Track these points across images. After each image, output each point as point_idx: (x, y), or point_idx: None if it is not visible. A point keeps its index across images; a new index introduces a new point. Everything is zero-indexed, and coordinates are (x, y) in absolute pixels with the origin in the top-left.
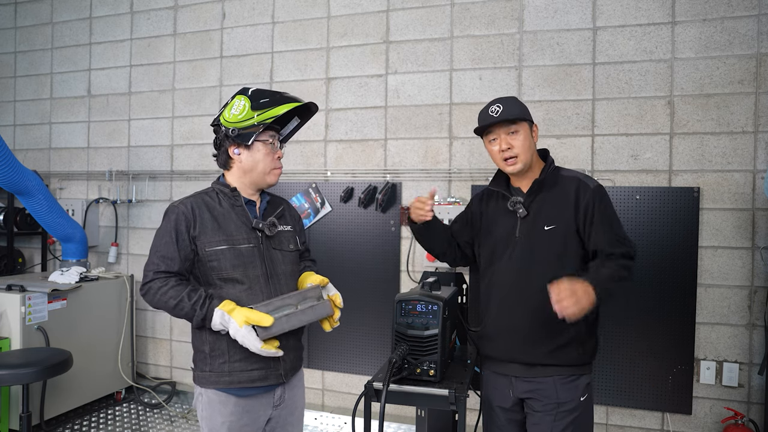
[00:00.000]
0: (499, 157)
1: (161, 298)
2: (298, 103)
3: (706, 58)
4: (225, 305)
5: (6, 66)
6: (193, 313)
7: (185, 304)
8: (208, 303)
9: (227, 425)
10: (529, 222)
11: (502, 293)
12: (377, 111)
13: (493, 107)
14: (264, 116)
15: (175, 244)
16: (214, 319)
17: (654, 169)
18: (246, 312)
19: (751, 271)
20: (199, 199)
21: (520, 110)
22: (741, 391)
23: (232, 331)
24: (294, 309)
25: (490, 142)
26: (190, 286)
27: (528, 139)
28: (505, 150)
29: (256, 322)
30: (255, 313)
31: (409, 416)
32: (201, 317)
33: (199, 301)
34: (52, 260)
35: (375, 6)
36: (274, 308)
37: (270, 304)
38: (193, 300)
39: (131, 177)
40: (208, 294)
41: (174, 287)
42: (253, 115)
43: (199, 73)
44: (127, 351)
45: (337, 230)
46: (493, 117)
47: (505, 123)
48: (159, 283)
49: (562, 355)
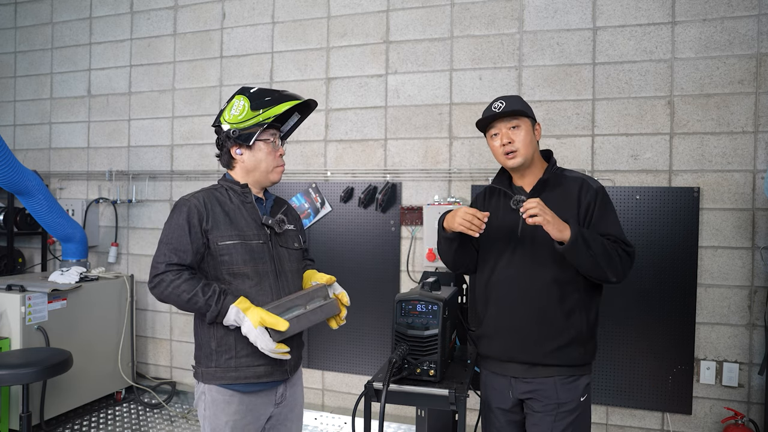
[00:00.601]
0: (500, 151)
1: (174, 291)
2: (297, 100)
3: (706, 58)
4: (240, 303)
5: (6, 66)
6: (207, 309)
7: (199, 299)
8: (223, 299)
9: (231, 424)
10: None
11: (502, 292)
12: (377, 111)
13: (496, 103)
14: (264, 115)
15: (188, 236)
16: (229, 314)
17: (654, 169)
18: (261, 313)
19: (751, 271)
20: (209, 194)
21: (523, 106)
22: (741, 391)
23: (245, 329)
24: (303, 310)
25: (492, 137)
26: (203, 280)
27: (529, 135)
28: (505, 144)
29: (272, 325)
30: (271, 316)
31: (409, 416)
32: (215, 313)
33: (214, 296)
34: (52, 260)
35: (375, 6)
36: (285, 309)
37: (280, 306)
38: (207, 295)
39: (131, 177)
40: (222, 289)
41: (187, 281)
42: (253, 114)
43: (199, 73)
44: (127, 351)
45: (337, 230)
46: (495, 112)
47: (506, 117)
48: (172, 276)
49: (563, 355)
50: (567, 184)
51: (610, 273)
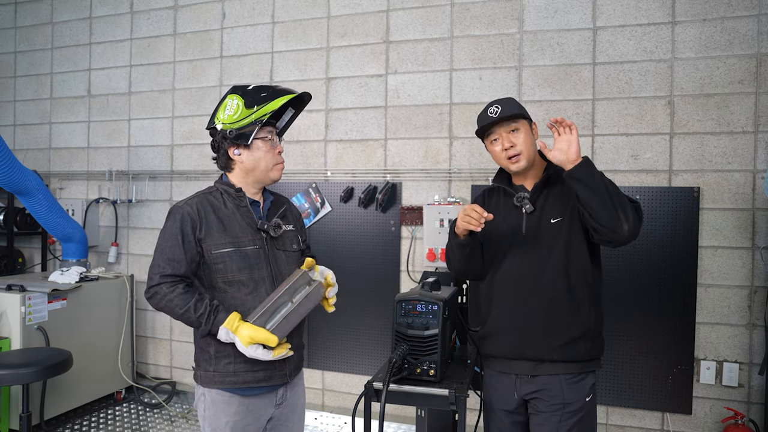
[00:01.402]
0: (503, 156)
1: (167, 304)
2: (291, 94)
3: (706, 58)
4: (229, 322)
5: (6, 66)
6: (198, 325)
7: (191, 315)
8: (214, 318)
9: (231, 425)
10: (535, 217)
11: (508, 289)
12: (377, 111)
13: (492, 108)
14: (259, 113)
15: (181, 246)
16: (220, 334)
17: (654, 169)
18: (249, 331)
19: (751, 271)
20: (203, 199)
21: (519, 108)
22: (741, 391)
23: (239, 348)
24: (290, 305)
25: (491, 143)
26: (197, 294)
27: (529, 136)
28: (508, 148)
29: (261, 341)
30: (258, 332)
31: (409, 416)
32: (206, 331)
33: (205, 314)
34: (52, 260)
35: (375, 6)
36: (272, 312)
37: (267, 311)
38: (199, 312)
39: (131, 177)
40: (213, 307)
41: (181, 295)
42: (248, 113)
43: (199, 73)
44: (127, 351)
45: (337, 230)
46: (493, 117)
47: (505, 121)
48: (166, 289)
49: (571, 351)
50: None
51: (622, 216)
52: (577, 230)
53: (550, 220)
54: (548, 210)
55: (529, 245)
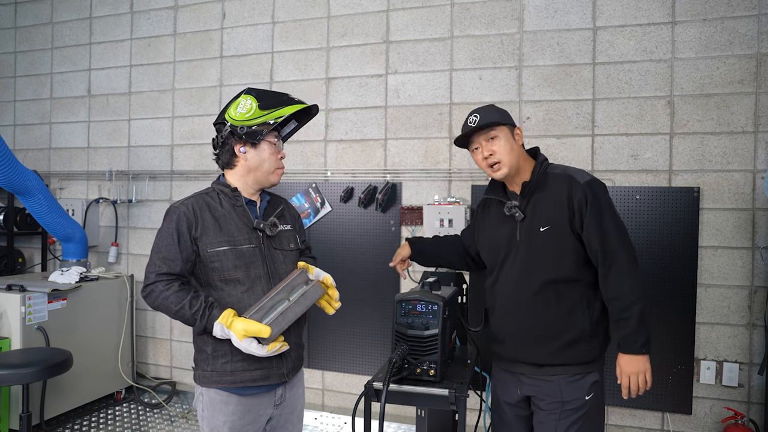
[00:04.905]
0: (484, 164)
1: (163, 302)
2: (304, 104)
3: (706, 58)
4: (224, 317)
5: (6, 66)
6: (194, 322)
7: (186, 312)
8: (208, 314)
9: (229, 425)
10: (527, 225)
11: (505, 296)
12: (377, 111)
13: (471, 117)
14: (273, 115)
15: (177, 245)
16: (215, 331)
17: (654, 169)
18: (243, 325)
19: (751, 271)
20: (200, 199)
21: (498, 115)
22: (741, 391)
23: (234, 343)
24: (287, 302)
25: (473, 152)
26: (192, 292)
27: (509, 142)
28: (487, 157)
29: (255, 334)
30: (251, 324)
31: (409, 416)
32: (201, 328)
33: (200, 311)
34: (52, 260)
35: (375, 6)
36: (268, 309)
37: (263, 307)
38: (194, 309)
39: (131, 177)
40: (209, 303)
41: (176, 293)
42: (261, 113)
43: (199, 73)
44: (127, 351)
45: (337, 230)
46: (471, 126)
47: (483, 130)
48: (161, 287)
49: (568, 354)
50: (555, 184)
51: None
52: (566, 238)
53: (539, 228)
54: (537, 218)
55: (522, 254)
